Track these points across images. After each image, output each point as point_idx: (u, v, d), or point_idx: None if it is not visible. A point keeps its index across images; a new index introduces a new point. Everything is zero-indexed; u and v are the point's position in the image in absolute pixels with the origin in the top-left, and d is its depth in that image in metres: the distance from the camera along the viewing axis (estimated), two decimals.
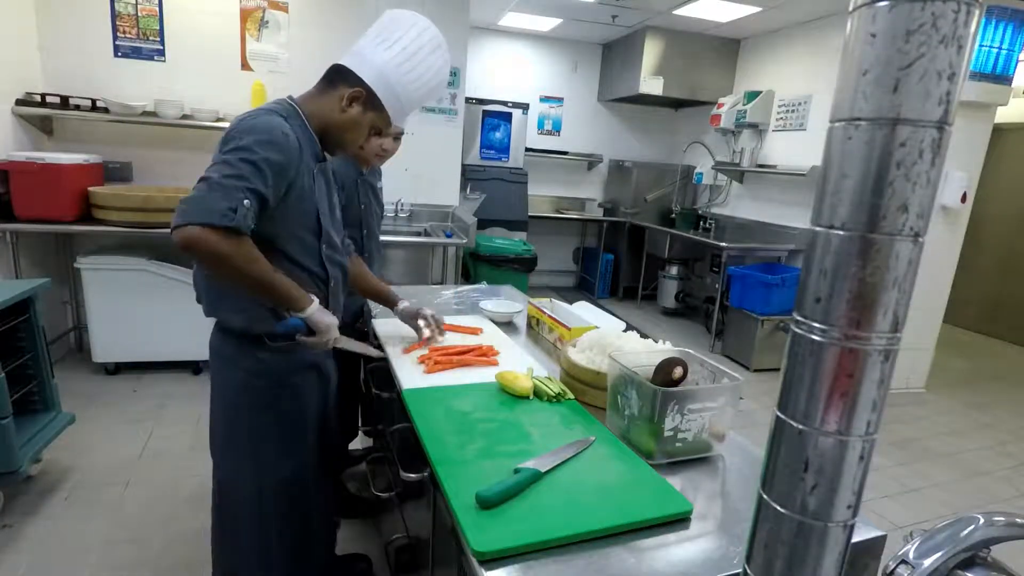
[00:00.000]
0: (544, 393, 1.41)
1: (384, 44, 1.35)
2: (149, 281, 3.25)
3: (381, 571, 1.96)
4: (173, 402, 3.13)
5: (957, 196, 3.89)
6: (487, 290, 2.55)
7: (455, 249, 3.98)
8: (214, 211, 1.16)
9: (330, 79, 1.38)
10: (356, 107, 1.36)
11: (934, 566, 0.67)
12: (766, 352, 4.32)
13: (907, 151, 0.42)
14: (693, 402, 1.18)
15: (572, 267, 6.71)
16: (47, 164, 3.03)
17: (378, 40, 1.36)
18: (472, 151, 5.36)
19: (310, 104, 1.38)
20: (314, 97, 1.39)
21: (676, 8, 4.54)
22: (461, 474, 1.06)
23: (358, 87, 1.35)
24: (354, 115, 1.37)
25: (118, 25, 3.56)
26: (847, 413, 0.47)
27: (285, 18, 3.84)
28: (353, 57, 1.37)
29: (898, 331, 0.46)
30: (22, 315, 2.26)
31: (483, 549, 0.87)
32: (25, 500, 2.25)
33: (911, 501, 2.77)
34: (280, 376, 1.42)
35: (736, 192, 5.48)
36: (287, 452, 1.47)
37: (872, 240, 0.44)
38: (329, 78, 1.39)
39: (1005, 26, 3.61)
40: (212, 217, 1.16)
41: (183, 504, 2.29)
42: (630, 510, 0.99)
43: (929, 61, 0.41)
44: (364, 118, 1.38)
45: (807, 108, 4.60)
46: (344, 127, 1.38)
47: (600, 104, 6.28)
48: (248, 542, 1.50)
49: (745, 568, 0.56)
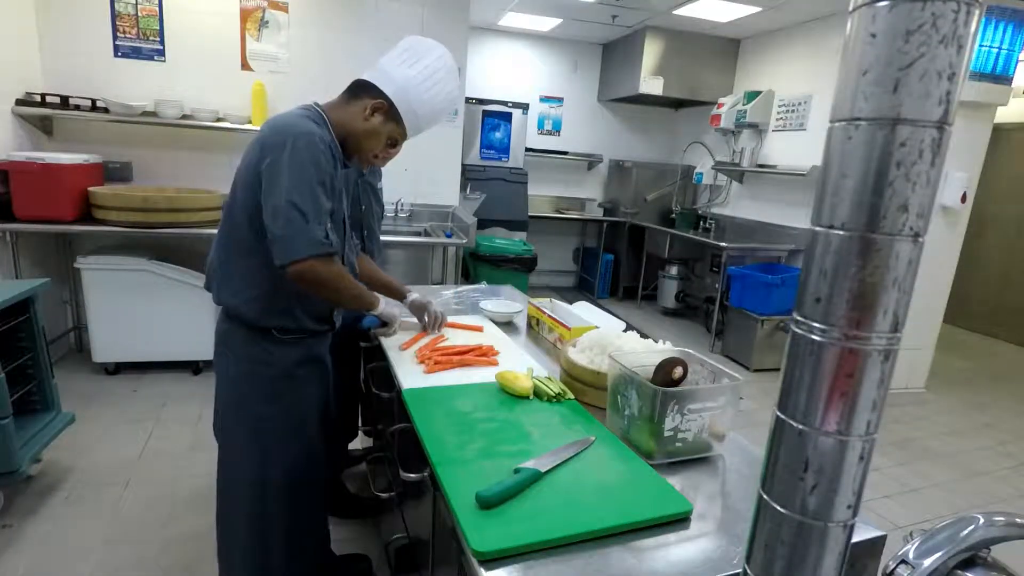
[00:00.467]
0: (544, 393, 1.41)
1: (407, 63, 1.46)
2: (149, 281, 3.25)
3: (381, 571, 1.96)
4: (173, 402, 3.13)
5: (957, 196, 3.89)
6: (487, 290, 2.55)
7: (455, 249, 3.98)
8: (315, 242, 1.31)
9: (354, 91, 1.48)
10: (378, 117, 1.46)
11: (934, 566, 0.67)
12: (766, 352, 4.32)
13: (907, 151, 0.42)
14: (693, 402, 1.18)
15: (572, 267, 6.71)
16: (47, 164, 3.03)
17: (401, 60, 1.47)
18: (472, 151, 5.36)
19: (335, 112, 1.47)
20: (339, 106, 1.48)
21: (676, 8, 4.54)
22: (461, 474, 1.06)
23: (380, 99, 1.45)
24: (375, 124, 1.46)
25: (118, 25, 3.56)
26: (847, 413, 0.47)
27: (285, 18, 3.84)
28: (377, 73, 1.47)
29: (898, 331, 0.46)
30: (22, 315, 2.26)
31: (483, 549, 0.87)
32: (25, 500, 2.25)
33: (911, 501, 2.78)
34: (285, 367, 1.48)
35: (736, 192, 5.48)
36: (290, 442, 1.51)
37: (872, 240, 0.44)
38: (353, 91, 1.49)
39: (1005, 26, 3.61)
40: (316, 248, 1.32)
41: (183, 504, 2.30)
42: (630, 510, 0.99)
43: (929, 61, 0.41)
44: (384, 128, 1.47)
45: (807, 108, 4.60)
46: (365, 135, 1.47)
47: (600, 104, 6.28)
48: (250, 536, 1.53)
49: (745, 568, 0.56)
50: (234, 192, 1.41)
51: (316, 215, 1.32)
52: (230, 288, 1.43)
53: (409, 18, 4.08)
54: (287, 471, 1.51)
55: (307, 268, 1.31)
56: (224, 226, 1.43)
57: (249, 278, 1.40)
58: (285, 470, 1.51)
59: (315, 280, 1.34)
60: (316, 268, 1.32)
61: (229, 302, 1.45)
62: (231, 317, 1.47)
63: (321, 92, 1.70)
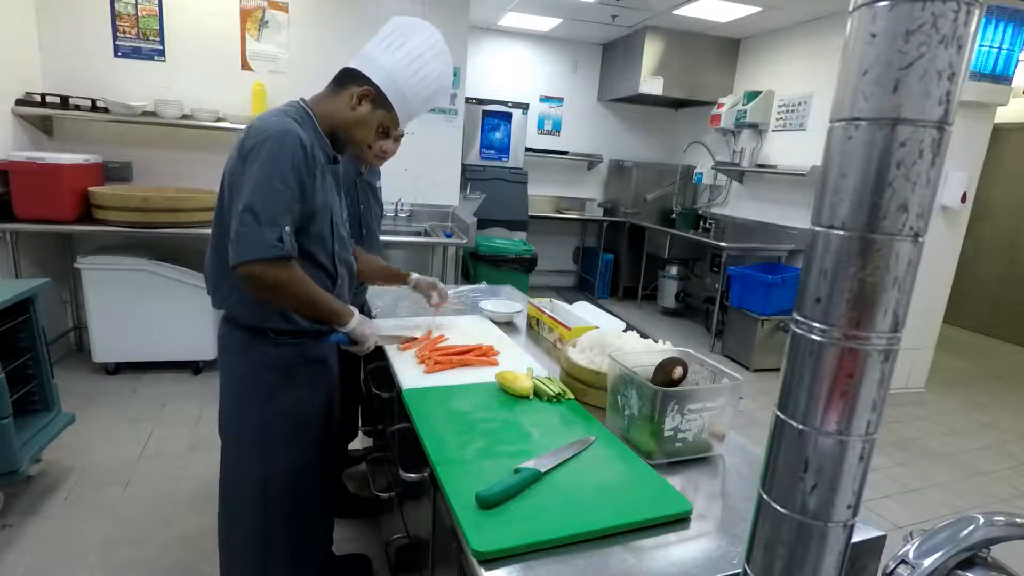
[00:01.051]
0: (544, 393, 1.41)
1: (392, 47, 1.41)
2: (149, 281, 3.25)
3: (381, 571, 1.96)
4: (173, 402, 3.13)
5: (957, 196, 3.89)
6: (487, 290, 2.55)
7: (455, 249, 3.98)
8: (266, 245, 1.25)
9: (340, 81, 1.44)
10: (365, 105, 1.41)
11: (934, 566, 0.67)
12: (766, 352, 4.32)
13: (907, 151, 0.42)
14: (693, 402, 1.18)
15: (572, 267, 6.71)
16: (47, 164, 3.03)
17: (386, 43, 1.42)
18: (472, 151, 5.36)
19: (321, 105, 1.43)
20: (325, 99, 1.44)
21: (676, 8, 4.54)
22: (461, 474, 1.06)
23: (367, 86, 1.40)
24: (363, 113, 1.42)
25: (118, 25, 3.56)
26: (847, 413, 0.47)
27: (285, 18, 3.84)
28: (362, 59, 1.42)
29: (898, 331, 0.46)
30: (22, 315, 2.26)
31: (483, 549, 0.87)
32: (25, 500, 2.25)
33: (911, 501, 2.78)
34: (287, 368, 1.47)
35: (736, 192, 5.48)
36: (292, 443, 1.50)
37: (872, 240, 0.44)
38: (339, 80, 1.44)
39: (1005, 26, 3.61)
40: (266, 251, 1.25)
41: (183, 504, 2.29)
42: (630, 510, 0.99)
43: (929, 61, 0.41)
44: (373, 116, 1.43)
45: (807, 108, 4.60)
46: (353, 125, 1.43)
47: (600, 104, 6.28)
48: (251, 535, 1.53)
49: (745, 568, 0.56)
50: (220, 197, 1.40)
51: (271, 217, 1.26)
52: (224, 291, 1.43)
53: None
54: (289, 472, 1.51)
55: (256, 271, 1.26)
56: (215, 230, 1.43)
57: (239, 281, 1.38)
58: (287, 471, 1.50)
59: (265, 284, 1.28)
60: (266, 272, 1.27)
61: (225, 305, 1.45)
62: (229, 321, 1.48)
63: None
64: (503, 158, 5.50)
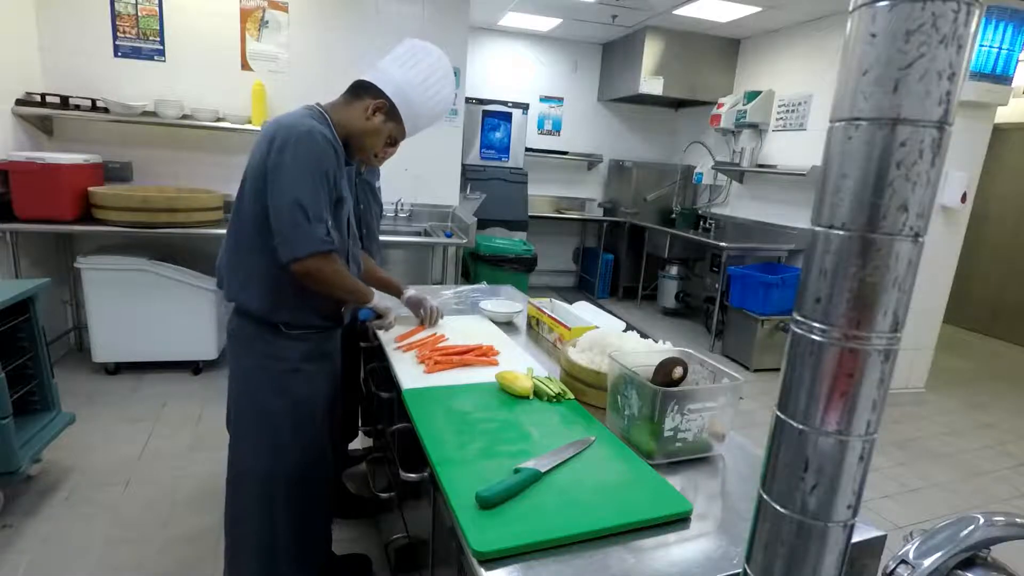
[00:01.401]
0: (544, 393, 1.41)
1: (407, 65, 1.51)
2: (149, 281, 3.25)
3: (381, 571, 1.96)
4: (173, 402, 3.13)
5: (957, 196, 3.89)
6: (487, 290, 2.55)
7: (455, 249, 3.98)
8: (317, 240, 1.36)
9: (355, 92, 1.52)
10: (379, 116, 1.50)
11: (934, 566, 0.67)
12: (766, 352, 4.32)
13: (907, 151, 0.42)
14: (693, 402, 1.18)
15: (572, 267, 6.71)
16: (47, 164, 3.03)
17: (400, 61, 1.52)
18: (472, 151, 5.36)
19: (337, 112, 1.50)
20: (341, 106, 1.52)
21: (676, 8, 4.54)
22: (461, 474, 1.06)
23: (381, 99, 1.49)
24: (377, 123, 1.50)
25: (118, 25, 3.56)
26: (847, 413, 0.47)
27: (285, 18, 3.84)
28: (377, 73, 1.51)
29: (898, 331, 0.46)
30: (22, 315, 2.26)
31: (483, 549, 0.87)
32: (25, 500, 2.25)
33: (911, 501, 2.77)
34: (293, 362, 1.51)
35: (736, 192, 5.47)
36: (298, 436, 1.54)
37: (872, 240, 0.44)
38: (354, 91, 1.53)
39: (1005, 26, 3.61)
40: (319, 246, 1.37)
41: (183, 504, 2.29)
42: (630, 510, 0.99)
43: (929, 61, 0.41)
44: (385, 127, 1.52)
45: (807, 108, 4.60)
46: (366, 134, 1.51)
47: (600, 104, 6.28)
48: (256, 529, 1.55)
49: (745, 568, 0.56)
50: (242, 192, 1.45)
51: (318, 213, 1.36)
52: (239, 285, 1.48)
53: (409, 18, 4.08)
54: (295, 465, 1.54)
55: (310, 265, 1.37)
56: (232, 225, 1.48)
57: (257, 275, 1.45)
58: (293, 464, 1.53)
59: (318, 277, 1.40)
60: (318, 265, 1.38)
61: (238, 298, 1.50)
62: (241, 313, 1.52)
63: (321, 92, 1.71)
64: (503, 158, 5.50)
